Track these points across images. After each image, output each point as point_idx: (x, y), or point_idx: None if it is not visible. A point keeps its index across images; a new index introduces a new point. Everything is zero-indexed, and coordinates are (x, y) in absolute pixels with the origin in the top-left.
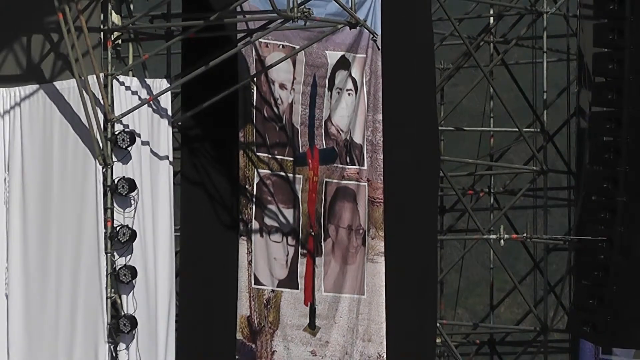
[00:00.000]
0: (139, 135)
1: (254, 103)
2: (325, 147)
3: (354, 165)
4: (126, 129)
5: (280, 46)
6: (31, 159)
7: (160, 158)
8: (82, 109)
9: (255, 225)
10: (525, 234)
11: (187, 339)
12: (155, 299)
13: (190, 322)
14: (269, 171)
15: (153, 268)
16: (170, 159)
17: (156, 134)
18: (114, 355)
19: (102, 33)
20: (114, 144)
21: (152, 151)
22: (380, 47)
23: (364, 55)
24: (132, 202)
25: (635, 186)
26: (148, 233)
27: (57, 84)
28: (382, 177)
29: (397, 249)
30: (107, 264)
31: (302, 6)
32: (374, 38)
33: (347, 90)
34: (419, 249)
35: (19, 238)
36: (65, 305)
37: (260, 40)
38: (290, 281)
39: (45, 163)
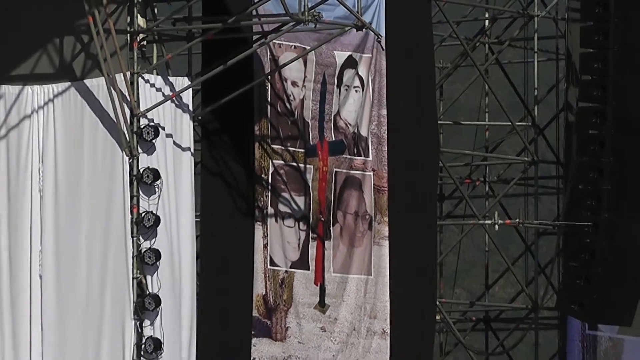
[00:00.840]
0: (163, 129)
1: (268, 99)
2: (334, 139)
3: (361, 156)
4: (151, 123)
5: (292, 47)
6: (63, 150)
7: (183, 149)
8: (110, 105)
9: (270, 211)
10: (517, 220)
11: (207, 316)
12: (178, 279)
13: (210, 300)
14: (282, 162)
15: (176, 251)
16: (192, 150)
17: (179, 128)
18: (140, 330)
19: (128, 35)
20: (139, 137)
21: (175, 143)
22: (384, 47)
23: (370, 55)
24: (157, 190)
25: (618, 176)
26: (171, 219)
27: (87, 81)
28: (386, 167)
29: (400, 233)
30: (133, 247)
31: (313, 10)
32: (379, 39)
33: (355, 87)
34: (420, 233)
35: (52, 223)
36: (94, 285)
37: (274, 41)
38: (302, 263)
39: (77, 154)
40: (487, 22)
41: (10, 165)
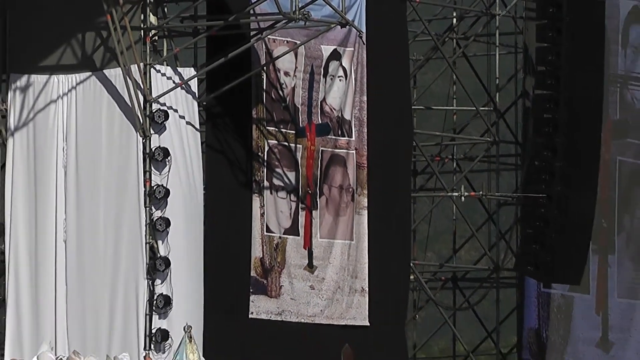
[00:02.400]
0: (176, 111)
1: (264, 87)
2: (320, 122)
3: (344, 137)
4: (161, 108)
5: (285, 41)
6: (85, 132)
7: (190, 130)
8: (126, 92)
9: (266, 184)
10: (481, 192)
11: (211, 276)
12: (185, 243)
13: (214, 262)
14: (276, 141)
15: (184, 219)
16: (199, 130)
17: (187, 111)
18: (152, 289)
19: (142, 31)
20: (151, 120)
21: (184, 125)
22: (365, 42)
23: (352, 49)
24: (167, 165)
25: (570, 154)
26: (181, 190)
27: (106, 71)
28: (366, 146)
29: (378, 204)
30: (146, 215)
31: (303, 9)
32: (360, 35)
33: (339, 76)
34: (396, 203)
35: (75, 195)
36: (112, 249)
37: (269, 37)
38: (293, 230)
39: (96, 135)
40: (454, 20)
41: (37, 144)
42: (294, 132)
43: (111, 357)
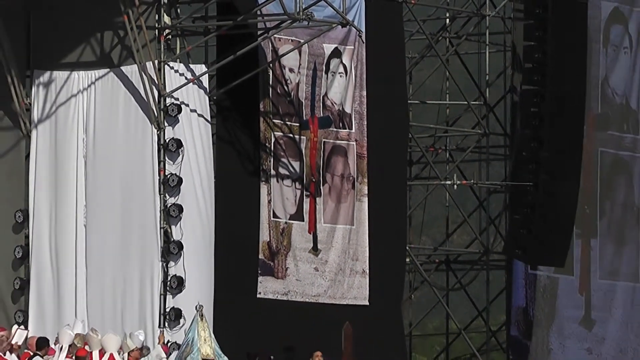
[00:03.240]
0: (188, 106)
1: (270, 82)
2: (322, 115)
3: (345, 129)
4: (174, 102)
5: (290, 40)
6: (103, 124)
7: (202, 123)
8: (141, 87)
9: (272, 173)
10: (472, 180)
11: (221, 259)
12: (197, 228)
13: (224, 246)
14: (281, 133)
15: (197, 205)
16: (210, 123)
17: (198, 105)
18: (166, 270)
19: (156, 30)
20: (165, 113)
21: (195, 118)
22: (364, 40)
23: (352, 47)
24: (180, 155)
25: (555, 145)
26: (192, 179)
27: (123, 68)
28: (366, 138)
29: (377, 192)
30: (160, 202)
31: (306, 10)
32: (360, 34)
33: (339, 73)
34: (393, 191)
35: (93, 183)
36: (129, 233)
37: (274, 36)
38: (298, 215)
39: (114, 127)
40: (447, 20)
41: (58, 136)
42: (298, 124)
43: (127, 334)
